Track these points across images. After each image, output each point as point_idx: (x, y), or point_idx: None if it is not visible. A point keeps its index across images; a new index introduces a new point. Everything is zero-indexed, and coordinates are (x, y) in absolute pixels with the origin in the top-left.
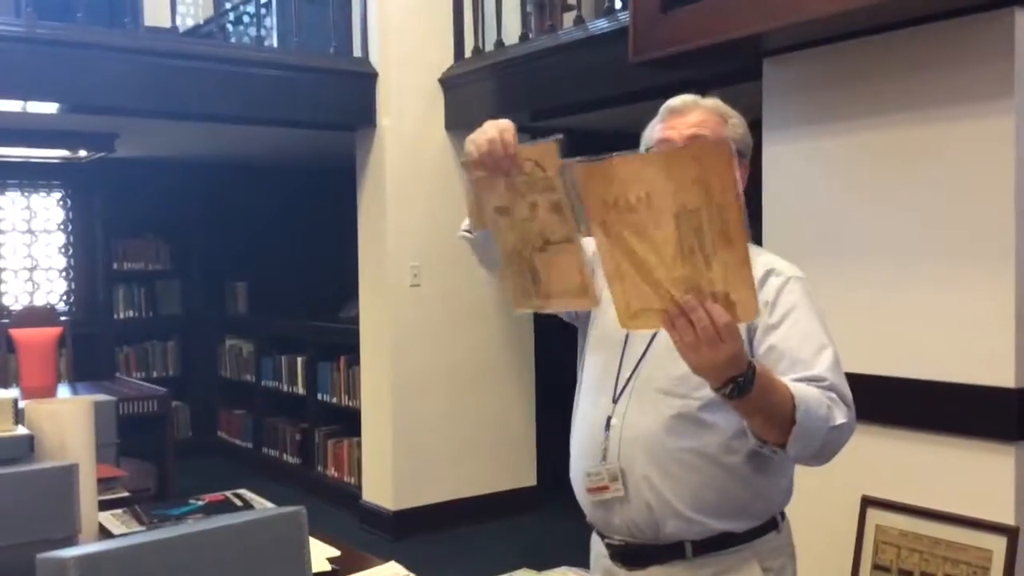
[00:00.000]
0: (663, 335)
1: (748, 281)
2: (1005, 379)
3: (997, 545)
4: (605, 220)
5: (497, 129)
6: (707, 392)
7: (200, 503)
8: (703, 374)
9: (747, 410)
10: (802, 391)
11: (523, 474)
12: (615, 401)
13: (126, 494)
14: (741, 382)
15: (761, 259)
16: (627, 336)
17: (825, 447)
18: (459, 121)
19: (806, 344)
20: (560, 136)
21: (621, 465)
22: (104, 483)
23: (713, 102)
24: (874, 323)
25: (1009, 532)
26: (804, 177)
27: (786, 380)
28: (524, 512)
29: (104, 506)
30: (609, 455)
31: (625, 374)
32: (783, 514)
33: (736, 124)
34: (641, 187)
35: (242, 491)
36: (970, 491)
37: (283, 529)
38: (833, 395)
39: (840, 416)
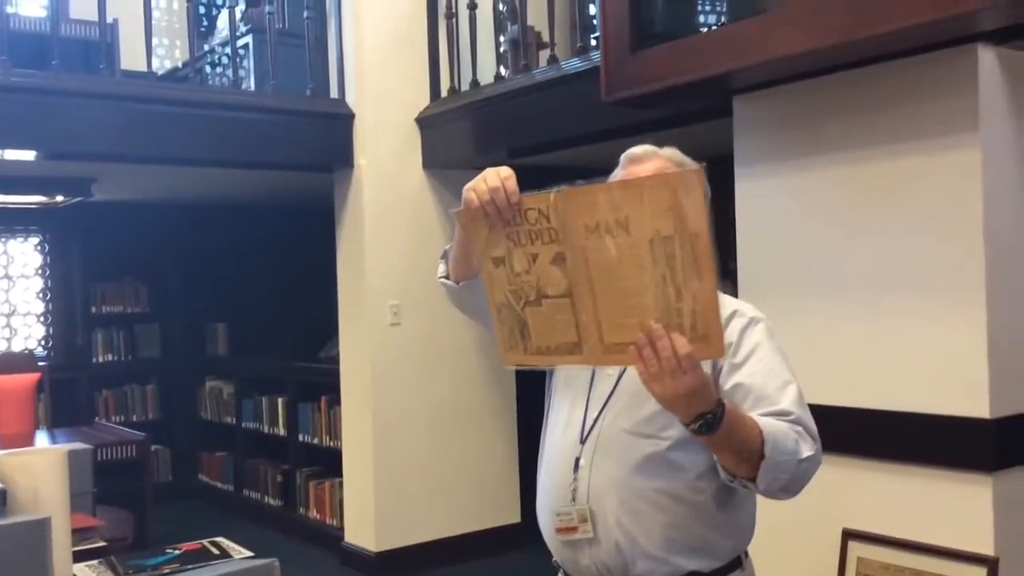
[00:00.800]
0: (628, 376)
1: (716, 316)
2: (980, 410)
3: None
4: (585, 247)
5: (499, 177)
6: (674, 432)
7: (176, 552)
8: (670, 407)
9: (717, 445)
10: (770, 425)
11: (507, 511)
12: (583, 442)
13: (103, 544)
14: (710, 419)
15: (725, 301)
16: (593, 375)
17: (794, 480)
18: (436, 160)
19: (770, 380)
20: (565, 187)
21: (591, 506)
22: (80, 533)
23: (670, 151)
24: (848, 356)
25: (989, 563)
26: (775, 212)
27: (754, 415)
28: (509, 550)
29: (80, 557)
30: (578, 496)
31: (592, 414)
32: (747, 553)
33: None
34: (619, 213)
35: (219, 539)
36: (949, 522)
37: None
38: (800, 428)
39: (807, 449)
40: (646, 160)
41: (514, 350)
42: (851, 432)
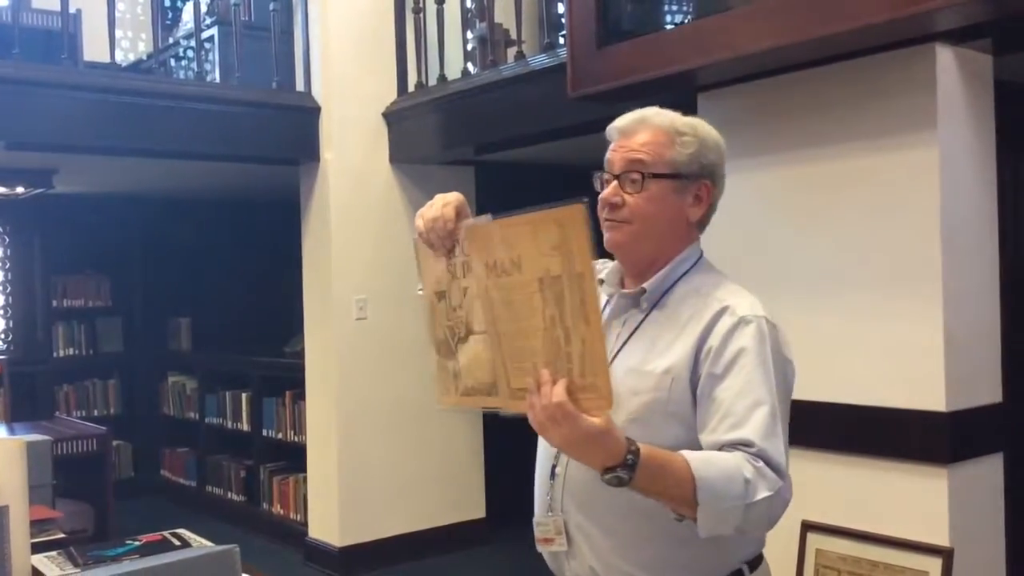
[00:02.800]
0: (613, 381)
1: (603, 363)
2: (936, 403)
3: (933, 566)
4: (488, 286)
5: (441, 204)
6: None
7: (137, 543)
8: (572, 457)
9: (643, 493)
10: (712, 467)
11: (472, 507)
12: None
13: (62, 536)
14: (620, 474)
15: (719, 292)
16: None
17: (750, 523)
18: (403, 155)
19: (741, 400)
20: (489, 216)
21: (565, 517)
22: (39, 525)
23: (668, 117)
24: (806, 350)
25: (944, 553)
26: (736, 209)
27: (692, 456)
28: (473, 545)
29: (39, 548)
30: (554, 506)
31: None
32: (753, 564)
33: (688, 142)
34: (512, 251)
35: (180, 531)
36: (906, 514)
37: (217, 567)
38: (760, 464)
39: (764, 490)
40: (634, 132)
41: (448, 392)
42: (809, 425)
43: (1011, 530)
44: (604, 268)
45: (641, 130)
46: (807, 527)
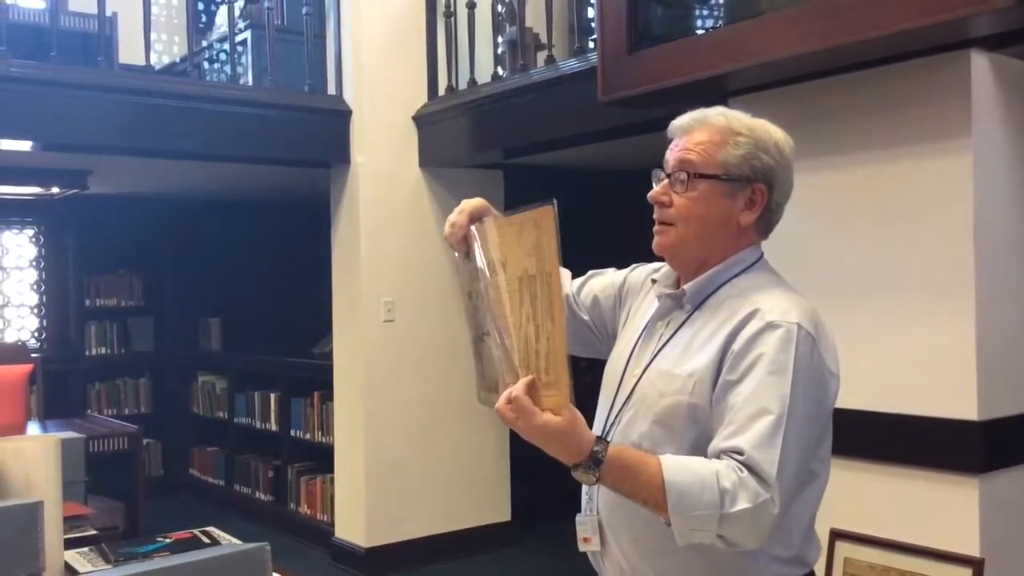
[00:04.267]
0: (648, 377)
1: (564, 362)
2: (968, 412)
3: None
4: (487, 284)
5: (458, 210)
6: (669, 451)
7: (167, 541)
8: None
9: (615, 492)
10: (680, 476)
11: (497, 509)
12: None
13: (93, 532)
14: (584, 472)
15: (759, 295)
16: (623, 373)
17: (731, 533)
18: (432, 158)
19: (747, 406)
20: (483, 221)
21: (600, 518)
22: (71, 521)
23: (726, 117)
24: (840, 357)
25: (975, 564)
26: None
27: (668, 461)
28: (498, 548)
29: (71, 544)
30: (592, 505)
31: (611, 417)
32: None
33: (741, 143)
34: (502, 251)
35: (210, 529)
36: (936, 523)
37: (247, 565)
38: (744, 473)
39: (744, 501)
40: (691, 131)
41: (481, 388)
42: (840, 433)
43: None
44: (660, 269)
45: (697, 129)
46: (836, 535)
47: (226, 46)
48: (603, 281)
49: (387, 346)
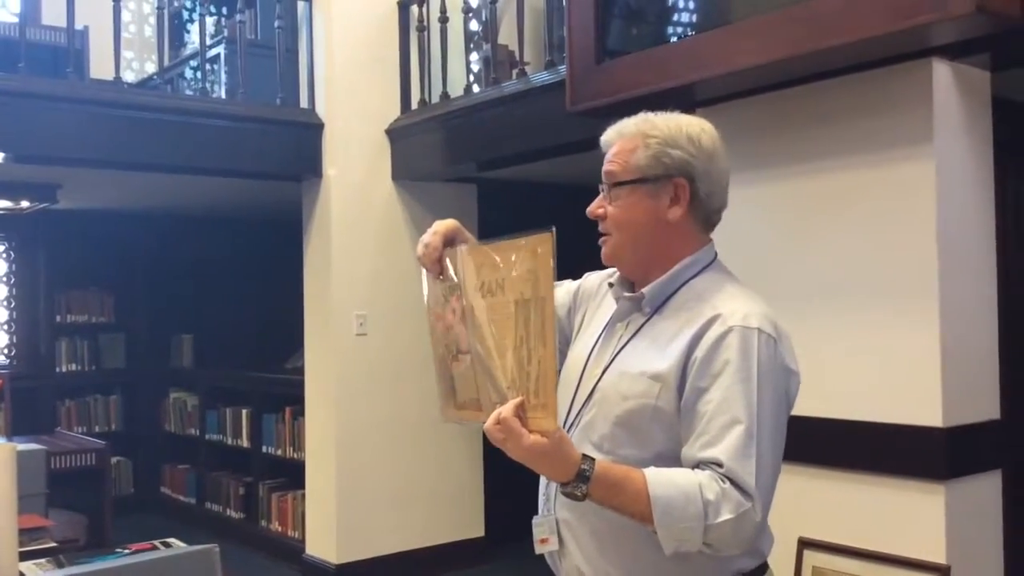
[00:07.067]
0: (607, 379)
1: (552, 387)
2: (933, 419)
3: None
4: (474, 306)
5: (432, 231)
6: (632, 452)
7: (126, 552)
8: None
9: (603, 507)
10: (665, 490)
11: (471, 525)
12: None
13: (53, 544)
14: (574, 489)
15: (718, 298)
16: (582, 373)
17: (715, 542)
18: (405, 172)
19: (718, 417)
20: (465, 246)
21: (557, 516)
22: (30, 533)
23: (636, 122)
24: (803, 365)
25: (941, 571)
26: (733, 223)
27: (652, 475)
28: (472, 564)
29: (30, 556)
30: (549, 504)
31: (571, 418)
32: (754, 572)
33: (651, 143)
34: (499, 273)
35: (170, 540)
36: (902, 530)
37: (195, 565)
38: (726, 485)
39: (727, 511)
40: (611, 145)
41: (448, 406)
42: (805, 441)
43: (1009, 547)
44: (615, 274)
45: (616, 141)
46: (804, 544)
47: (198, 61)
48: (558, 291)
49: (359, 360)
